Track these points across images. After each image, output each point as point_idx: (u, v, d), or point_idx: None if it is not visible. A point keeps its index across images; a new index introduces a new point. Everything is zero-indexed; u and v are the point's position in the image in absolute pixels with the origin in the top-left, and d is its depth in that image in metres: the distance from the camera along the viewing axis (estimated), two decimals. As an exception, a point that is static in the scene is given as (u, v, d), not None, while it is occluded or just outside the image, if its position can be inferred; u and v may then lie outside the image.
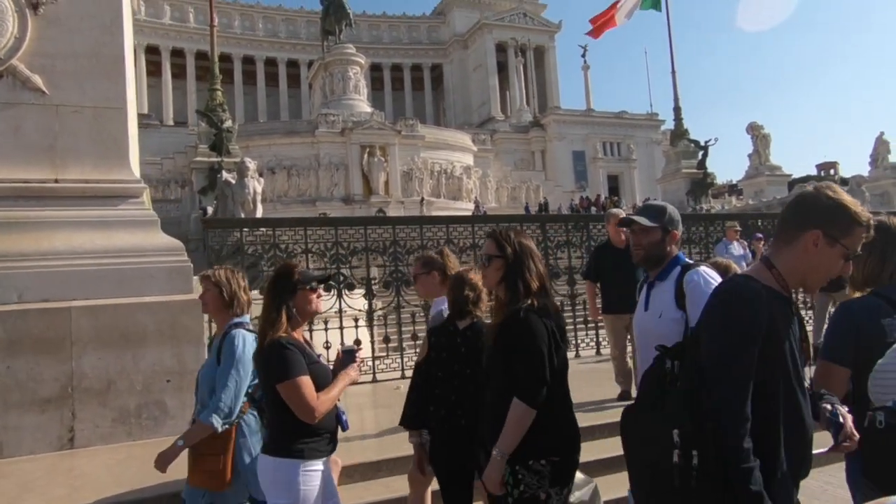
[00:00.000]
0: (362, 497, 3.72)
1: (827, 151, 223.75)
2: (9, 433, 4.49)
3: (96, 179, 5.28)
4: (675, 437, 1.54)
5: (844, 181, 30.27)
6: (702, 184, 30.49)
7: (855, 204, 1.69)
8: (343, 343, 6.69)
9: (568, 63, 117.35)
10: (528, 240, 2.39)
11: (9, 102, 5.08)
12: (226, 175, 17.52)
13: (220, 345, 2.81)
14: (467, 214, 27.10)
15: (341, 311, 7.01)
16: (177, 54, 56.75)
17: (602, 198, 41.55)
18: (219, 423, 2.64)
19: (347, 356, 2.61)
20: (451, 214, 26.44)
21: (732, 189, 50.51)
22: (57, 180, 5.18)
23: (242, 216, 15.06)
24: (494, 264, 2.34)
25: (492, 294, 2.49)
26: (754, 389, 1.58)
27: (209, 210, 18.33)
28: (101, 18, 5.39)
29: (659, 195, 35.53)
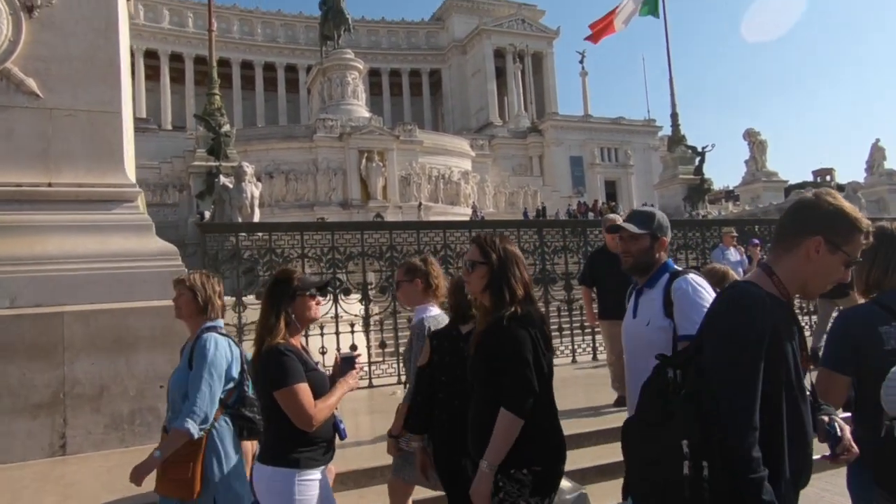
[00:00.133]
0: (356, 504, 3.68)
1: (823, 158, 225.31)
2: (-1, 439, 4.45)
3: (90, 183, 5.26)
4: (685, 449, 1.49)
5: (840, 187, 30.38)
6: (699, 189, 30.63)
7: (855, 210, 1.68)
8: (339, 348, 6.69)
9: (566, 69, 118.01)
10: (513, 246, 2.34)
11: (2, 106, 5.06)
12: (223, 179, 17.51)
13: (192, 349, 2.74)
14: (465, 219, 27.07)
15: (337, 316, 6.99)
16: (175, 59, 56.80)
17: (599, 203, 41.56)
18: (195, 428, 2.54)
19: (346, 363, 2.57)
20: (449, 219, 26.40)
21: (729, 195, 50.66)
22: (50, 184, 5.15)
23: (240, 220, 15.05)
24: (478, 271, 2.28)
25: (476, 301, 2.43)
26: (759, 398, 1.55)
27: (206, 214, 18.30)
28: (96, 22, 5.38)
29: (656, 201, 35.66)
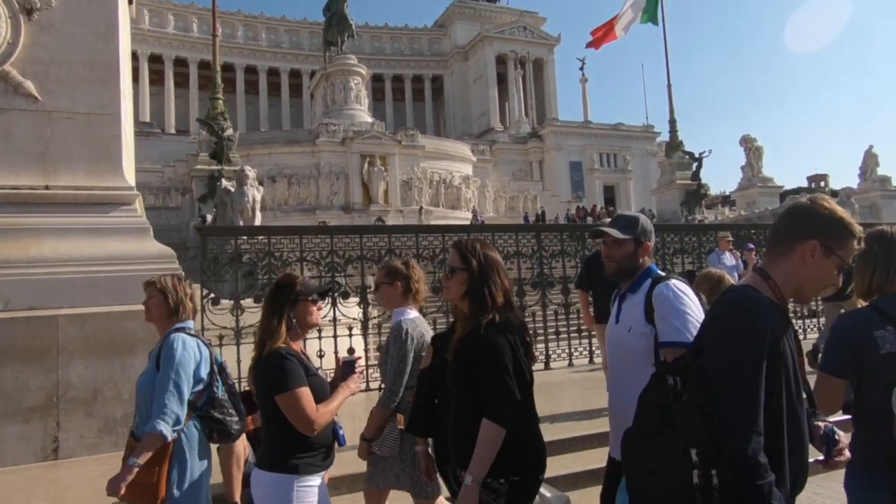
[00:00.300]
0: (349, 510, 3.64)
1: (818, 163, 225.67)
2: (-8, 443, 4.43)
3: (88, 186, 5.26)
4: (694, 457, 1.47)
5: (834, 193, 30.52)
6: (696, 195, 30.76)
7: (848, 215, 1.71)
8: (337, 352, 6.67)
9: (566, 76, 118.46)
10: (494, 252, 2.30)
11: (0, 108, 5.07)
12: (225, 183, 17.53)
13: (160, 350, 2.67)
14: (464, 223, 27.08)
15: (335, 319, 6.97)
16: (180, 63, 57.04)
17: (598, 208, 41.62)
18: (168, 430, 2.44)
19: (347, 368, 2.55)
20: (449, 223, 26.45)
21: (726, 200, 50.84)
22: (48, 187, 5.15)
23: (241, 224, 15.05)
24: (458, 277, 2.22)
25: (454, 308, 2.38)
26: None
27: (208, 218, 18.31)
28: (96, 25, 5.39)
29: (654, 205, 35.74)
